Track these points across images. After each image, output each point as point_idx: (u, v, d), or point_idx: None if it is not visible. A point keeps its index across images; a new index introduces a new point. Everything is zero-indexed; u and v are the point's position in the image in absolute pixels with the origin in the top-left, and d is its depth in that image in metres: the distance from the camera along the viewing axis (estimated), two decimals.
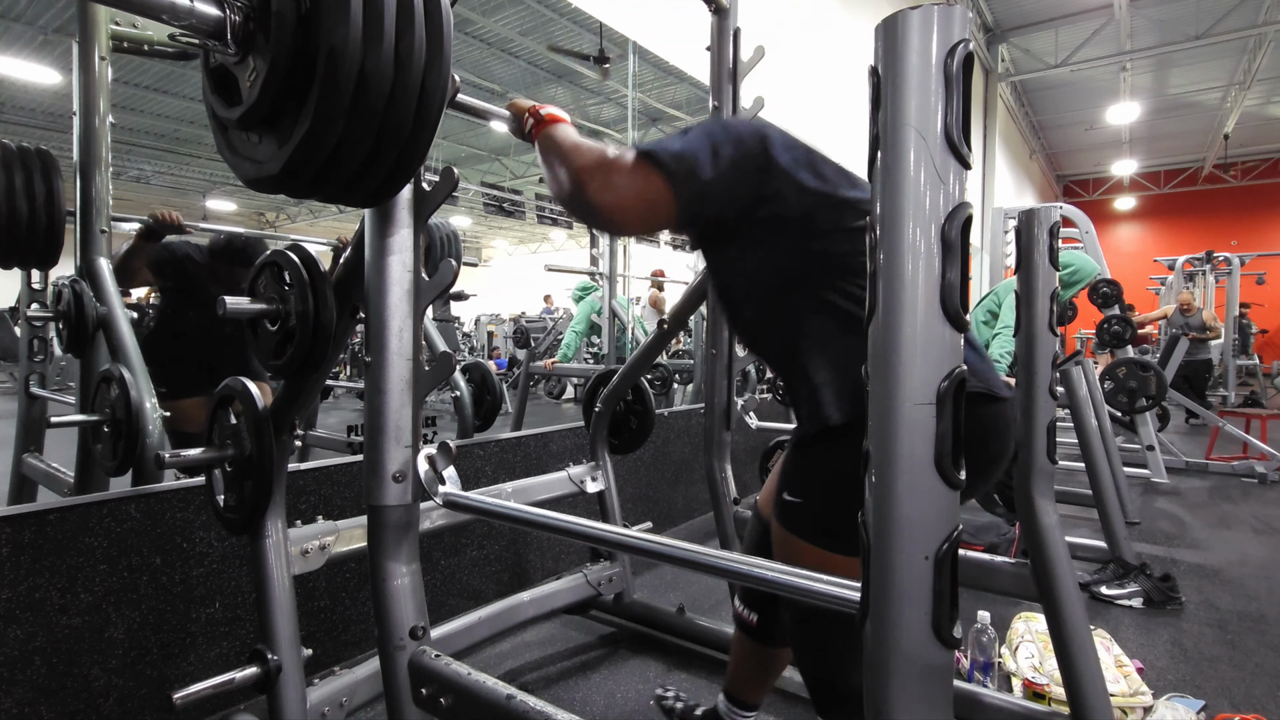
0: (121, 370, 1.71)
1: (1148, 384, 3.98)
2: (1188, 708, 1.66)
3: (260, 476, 1.21)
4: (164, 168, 11.48)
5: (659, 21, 3.85)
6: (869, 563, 0.59)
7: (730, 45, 2.00)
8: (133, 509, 1.49)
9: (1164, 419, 5.32)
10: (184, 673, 1.56)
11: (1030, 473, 1.34)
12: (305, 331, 1.07)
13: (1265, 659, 2.01)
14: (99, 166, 1.91)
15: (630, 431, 2.18)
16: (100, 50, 1.91)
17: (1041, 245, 1.28)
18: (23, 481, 2.19)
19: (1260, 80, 9.96)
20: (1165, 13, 8.41)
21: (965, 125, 0.56)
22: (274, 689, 1.23)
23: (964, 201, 0.56)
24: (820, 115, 5.43)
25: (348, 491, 1.88)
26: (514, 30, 7.27)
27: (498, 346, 10.76)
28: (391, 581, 1.14)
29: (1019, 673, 1.80)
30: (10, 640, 1.33)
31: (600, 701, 1.76)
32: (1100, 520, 2.68)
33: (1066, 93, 11.34)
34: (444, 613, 1.97)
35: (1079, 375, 2.71)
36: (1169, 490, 4.11)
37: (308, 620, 1.76)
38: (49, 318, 1.98)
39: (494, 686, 1.04)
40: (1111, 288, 4.48)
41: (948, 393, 0.56)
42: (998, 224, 5.16)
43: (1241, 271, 7.89)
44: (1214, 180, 14.80)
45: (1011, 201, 10.85)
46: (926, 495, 0.56)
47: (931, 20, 0.55)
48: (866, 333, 0.60)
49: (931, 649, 0.57)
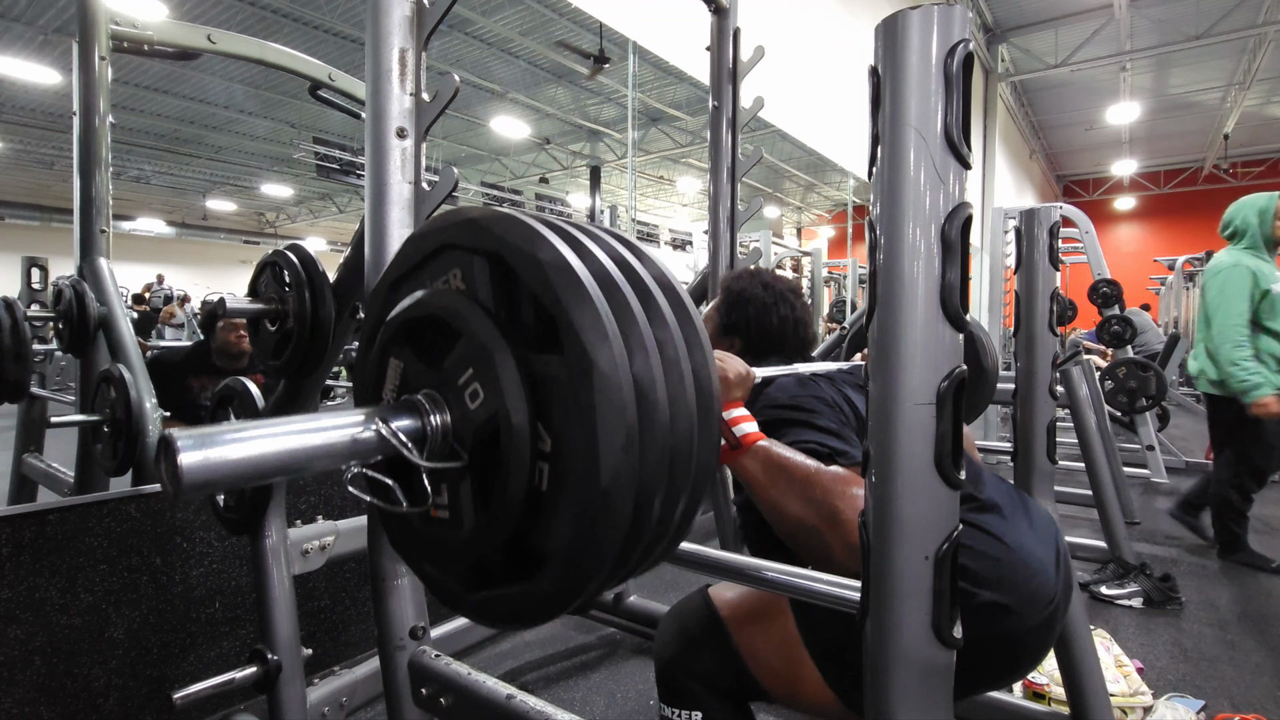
0: (121, 370, 1.71)
1: (1148, 384, 3.98)
2: (1188, 708, 1.66)
3: None
4: (164, 168, 11.49)
5: (659, 21, 3.85)
6: (869, 563, 0.59)
7: (730, 45, 2.00)
8: (133, 509, 1.49)
9: (1164, 419, 5.32)
10: (184, 673, 1.56)
11: (1030, 473, 1.34)
12: (304, 331, 1.07)
13: (1265, 659, 2.00)
14: (99, 166, 1.91)
15: None
16: (100, 50, 1.91)
17: (1041, 245, 1.29)
18: (23, 481, 2.19)
19: (1260, 80, 9.94)
20: (1165, 13, 8.40)
21: (965, 125, 0.56)
22: (274, 689, 1.23)
23: (964, 201, 0.56)
24: (820, 115, 5.43)
25: (348, 491, 1.88)
26: (514, 30, 7.26)
27: None
28: (391, 581, 1.14)
29: None
30: (10, 640, 1.33)
31: (600, 701, 1.76)
32: (1100, 520, 2.68)
33: (1066, 93, 11.34)
34: (444, 613, 1.97)
35: (1079, 375, 2.71)
36: (1169, 490, 4.10)
37: (308, 620, 1.76)
38: (49, 318, 1.98)
39: (494, 686, 1.04)
40: (1111, 288, 4.48)
41: (948, 393, 0.56)
42: (998, 224, 5.16)
43: None
44: (1214, 180, 14.78)
45: (1011, 201, 10.84)
46: (926, 495, 0.56)
47: (931, 20, 0.55)
48: (867, 333, 0.60)
49: (931, 649, 0.57)
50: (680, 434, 0.55)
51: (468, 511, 0.57)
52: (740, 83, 2.03)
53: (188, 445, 0.44)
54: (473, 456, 0.56)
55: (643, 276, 0.59)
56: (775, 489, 0.86)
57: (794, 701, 1.04)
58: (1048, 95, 11.61)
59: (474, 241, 0.58)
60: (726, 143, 2.05)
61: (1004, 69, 9.93)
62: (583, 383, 0.50)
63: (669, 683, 1.05)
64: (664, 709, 1.05)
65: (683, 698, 1.03)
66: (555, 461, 0.52)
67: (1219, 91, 11.00)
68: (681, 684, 1.04)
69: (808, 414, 1.01)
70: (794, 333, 1.27)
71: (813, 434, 0.95)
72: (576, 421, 0.50)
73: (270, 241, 15.62)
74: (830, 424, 0.99)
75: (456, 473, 0.57)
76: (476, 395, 0.55)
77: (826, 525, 0.82)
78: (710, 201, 2.10)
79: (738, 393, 0.96)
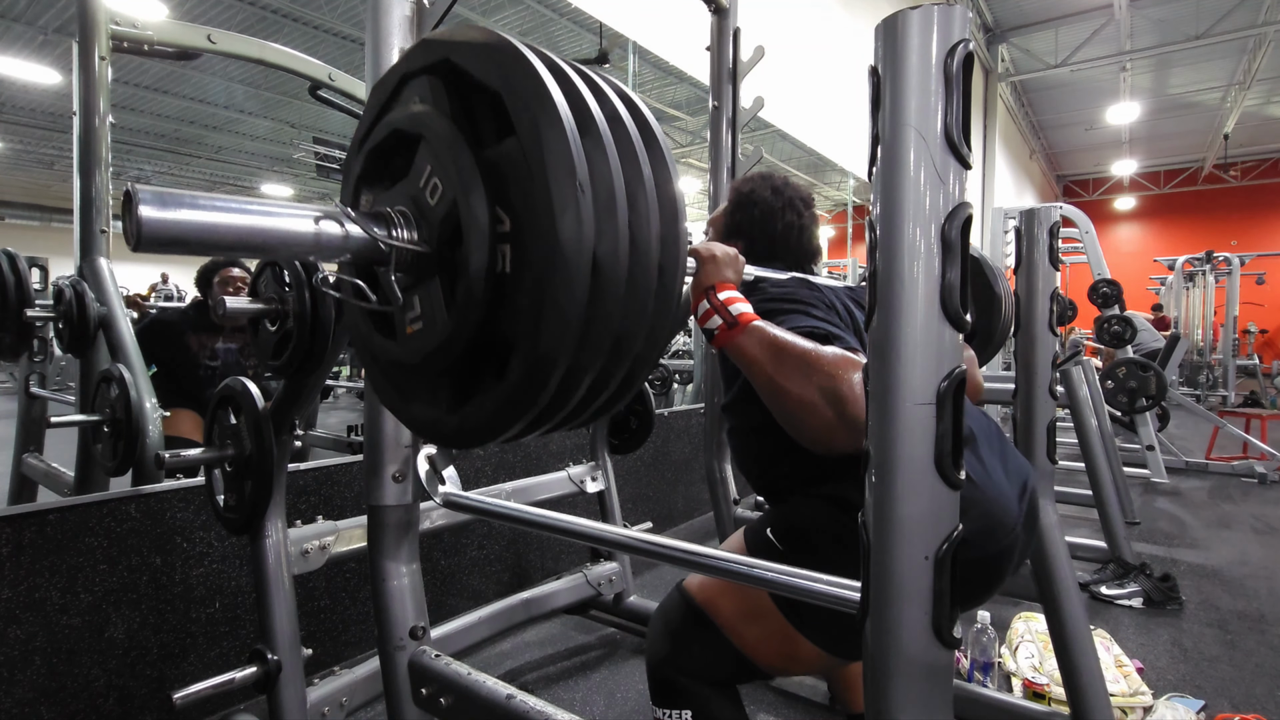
0: (121, 370, 1.70)
1: (1148, 384, 3.98)
2: (1188, 708, 1.66)
3: (260, 476, 1.21)
4: (164, 168, 11.48)
5: (659, 21, 3.85)
6: (869, 563, 0.59)
7: (730, 45, 2.00)
8: (133, 509, 1.49)
9: (1164, 419, 5.32)
10: (184, 673, 1.56)
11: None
12: (304, 331, 1.07)
13: (1265, 659, 2.00)
14: (99, 166, 1.91)
15: (630, 431, 2.18)
16: (100, 50, 1.91)
17: (1041, 245, 1.29)
18: (23, 481, 2.19)
19: (1260, 80, 9.94)
20: (1165, 13, 8.40)
21: (965, 125, 0.56)
22: (274, 689, 1.23)
23: (964, 201, 0.56)
24: (820, 115, 5.43)
25: (348, 491, 1.88)
26: (514, 30, 7.25)
27: None
28: (391, 581, 1.14)
29: (1019, 673, 1.80)
30: (10, 640, 1.33)
31: (600, 701, 1.76)
32: (1100, 520, 2.68)
33: (1066, 93, 11.34)
34: (444, 613, 1.97)
35: (1079, 375, 2.71)
36: (1169, 490, 4.11)
37: (308, 620, 1.76)
38: (49, 318, 1.98)
39: (494, 686, 1.04)
40: (1111, 288, 4.48)
41: (948, 393, 0.56)
42: (998, 224, 5.16)
43: (1241, 271, 7.88)
44: (1214, 180, 14.78)
45: (1011, 201, 10.84)
46: (926, 495, 0.56)
47: (931, 20, 0.55)
48: (867, 333, 0.60)
49: (931, 649, 0.57)
50: (639, 207, 0.56)
51: (440, 313, 0.58)
52: (740, 83, 2.03)
53: (147, 199, 0.44)
54: (438, 248, 0.57)
55: (599, 82, 0.62)
56: (773, 367, 0.85)
57: (787, 666, 1.04)
58: (1048, 95, 11.61)
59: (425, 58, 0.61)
60: (726, 143, 2.06)
61: (1004, 69, 9.93)
62: (533, 151, 0.52)
63: (660, 681, 1.05)
64: (655, 711, 1.04)
65: (674, 696, 1.03)
66: (515, 239, 0.54)
67: (1219, 91, 11.00)
68: (672, 681, 1.03)
69: (804, 305, 0.99)
70: (798, 241, 1.23)
71: (808, 320, 0.94)
72: (531, 191, 0.52)
73: None
74: (826, 315, 0.98)
75: (423, 266, 0.59)
76: (436, 190, 0.57)
77: (828, 400, 0.81)
78: (710, 201, 2.10)
79: (729, 273, 0.96)
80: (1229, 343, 7.52)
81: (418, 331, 0.60)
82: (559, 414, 0.60)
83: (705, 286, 0.95)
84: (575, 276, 0.51)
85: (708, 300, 0.94)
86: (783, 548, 1.00)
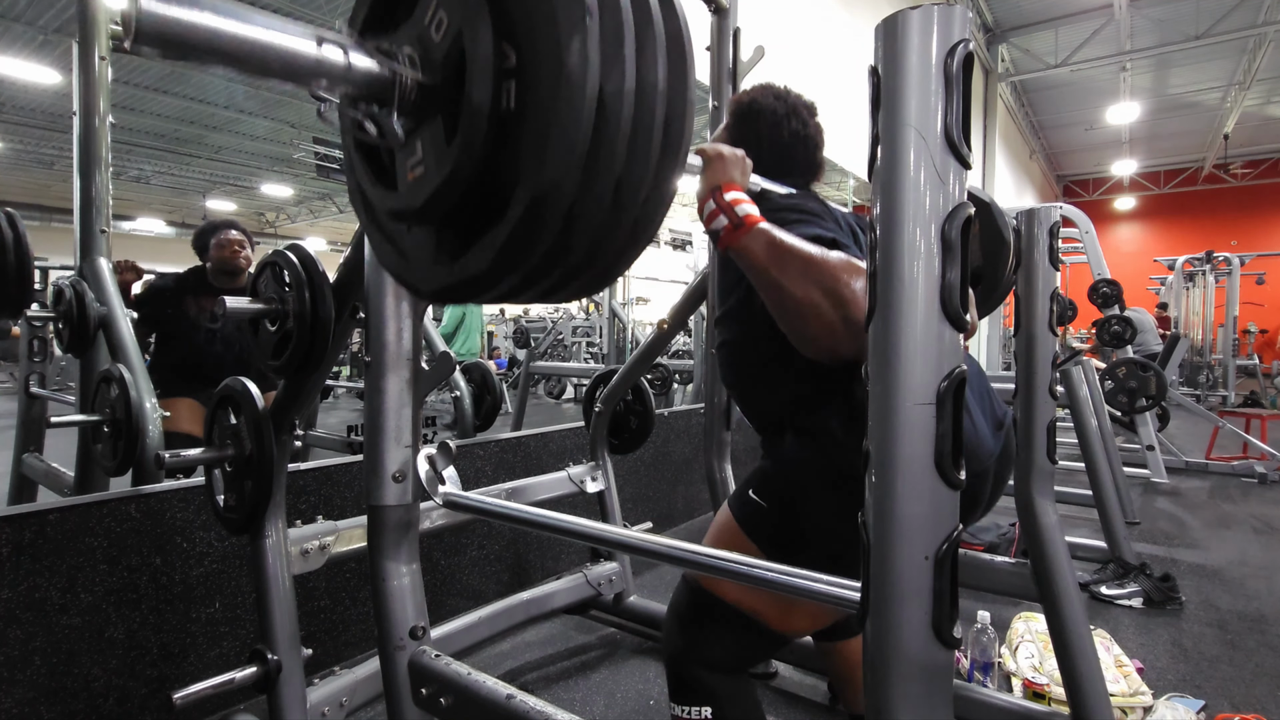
0: (121, 370, 1.71)
1: (1148, 384, 3.98)
2: (1188, 708, 1.66)
3: (260, 476, 1.21)
4: (164, 168, 11.48)
5: None
6: (869, 562, 0.59)
7: (730, 45, 2.00)
8: (133, 509, 1.49)
9: (1164, 419, 5.32)
10: (184, 673, 1.56)
11: (1030, 473, 1.34)
12: (304, 331, 1.07)
13: (1265, 659, 2.00)
14: (99, 166, 1.91)
15: (630, 431, 2.18)
16: (100, 50, 1.91)
17: (1041, 245, 1.29)
18: (23, 481, 2.20)
19: (1260, 80, 9.95)
20: (1165, 13, 8.40)
21: (965, 125, 0.56)
22: (274, 689, 1.23)
23: (964, 201, 0.56)
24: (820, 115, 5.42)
25: (348, 491, 1.88)
26: None
27: (498, 346, 10.76)
28: (391, 581, 1.14)
29: (1019, 673, 1.80)
30: (10, 640, 1.33)
31: (600, 701, 1.76)
32: (1100, 520, 2.68)
33: (1066, 93, 11.34)
34: (444, 613, 1.97)
35: (1079, 375, 2.71)
36: (1169, 490, 4.11)
37: (308, 620, 1.76)
38: (49, 318, 1.98)
39: (494, 686, 1.04)
40: (1111, 288, 4.48)
41: (947, 393, 0.56)
42: None
43: (1241, 271, 7.89)
44: (1214, 180, 14.79)
45: (1011, 201, 10.84)
46: (926, 495, 0.56)
47: (931, 20, 0.55)
48: (867, 333, 0.60)
49: (931, 649, 0.57)
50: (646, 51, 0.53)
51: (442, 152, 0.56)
52: (740, 83, 2.03)
53: None
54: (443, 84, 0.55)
55: None
56: (777, 269, 0.85)
57: (793, 619, 1.03)
58: (1048, 95, 11.61)
59: None
60: None
61: (1004, 69, 9.93)
62: None
63: (678, 675, 1.05)
64: (674, 708, 1.04)
65: (692, 692, 1.03)
66: (520, 75, 0.52)
67: (1219, 91, 11.00)
68: (691, 675, 1.03)
69: (810, 215, 0.98)
70: (804, 152, 1.19)
71: (814, 229, 0.93)
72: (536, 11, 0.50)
73: (270, 241, 15.61)
74: (834, 226, 0.97)
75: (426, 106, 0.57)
76: (441, 24, 0.55)
77: (831, 303, 0.82)
78: None
79: (735, 173, 0.95)
80: (1229, 343, 7.52)
81: (419, 177, 0.58)
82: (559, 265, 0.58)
83: (711, 186, 0.93)
84: (579, 104, 0.49)
85: (714, 200, 0.92)
86: (766, 504, 1.01)
